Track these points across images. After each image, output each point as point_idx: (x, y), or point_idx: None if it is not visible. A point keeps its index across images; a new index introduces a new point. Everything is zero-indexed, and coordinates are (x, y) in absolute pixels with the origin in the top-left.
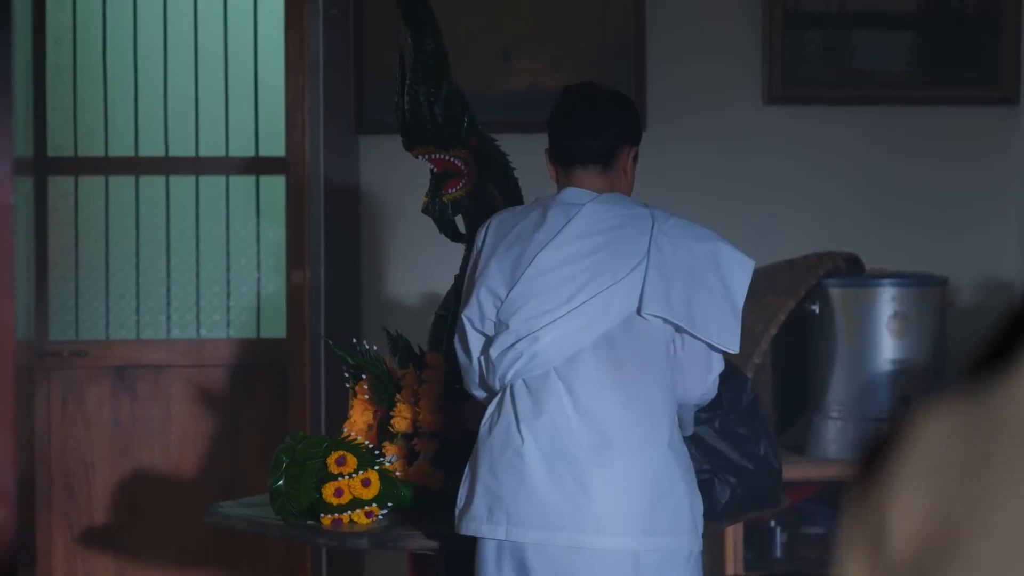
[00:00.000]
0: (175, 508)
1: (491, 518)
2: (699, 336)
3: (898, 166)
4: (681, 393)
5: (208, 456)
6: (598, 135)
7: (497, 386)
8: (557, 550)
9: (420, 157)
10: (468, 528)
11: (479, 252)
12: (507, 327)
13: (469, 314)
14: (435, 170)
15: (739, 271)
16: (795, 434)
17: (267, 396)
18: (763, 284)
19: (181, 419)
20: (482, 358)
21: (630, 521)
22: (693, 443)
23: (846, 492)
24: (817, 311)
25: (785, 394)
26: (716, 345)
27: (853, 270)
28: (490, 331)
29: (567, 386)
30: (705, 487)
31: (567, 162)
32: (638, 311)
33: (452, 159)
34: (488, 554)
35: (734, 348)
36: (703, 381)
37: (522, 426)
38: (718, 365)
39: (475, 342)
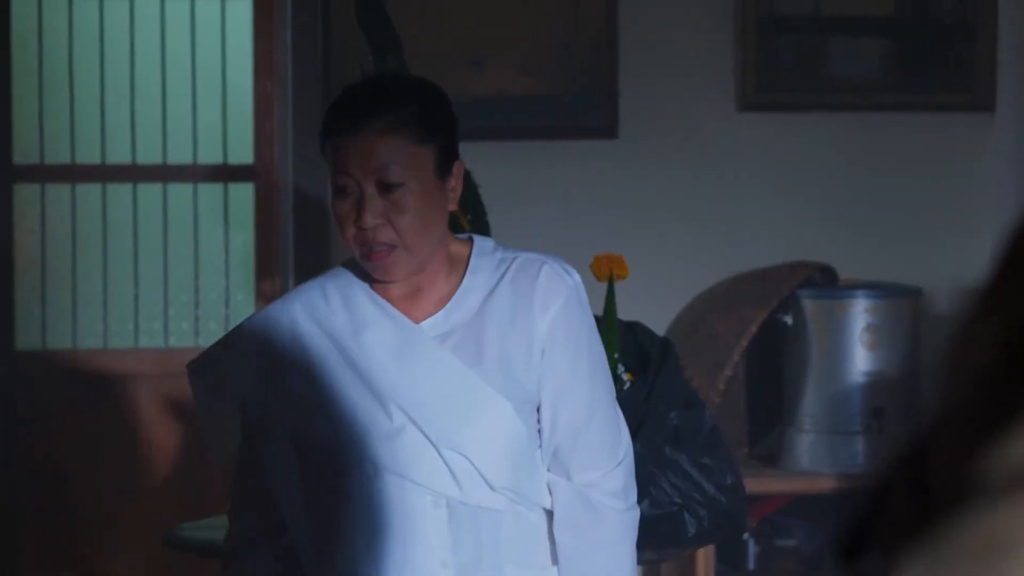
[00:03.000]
0: (144, 519)
1: None
2: None
3: (872, 174)
4: None
5: (176, 467)
6: None
7: None
8: None
9: None
10: None
11: None
12: None
13: None
14: None
15: None
16: (768, 445)
17: None
18: (735, 295)
19: (149, 429)
20: None
21: None
22: (669, 471)
23: None
24: (790, 322)
25: (758, 405)
26: None
27: (826, 280)
28: None
29: None
30: (673, 519)
31: None
32: None
33: None
34: None
35: None
36: None
37: None
38: None
39: None
